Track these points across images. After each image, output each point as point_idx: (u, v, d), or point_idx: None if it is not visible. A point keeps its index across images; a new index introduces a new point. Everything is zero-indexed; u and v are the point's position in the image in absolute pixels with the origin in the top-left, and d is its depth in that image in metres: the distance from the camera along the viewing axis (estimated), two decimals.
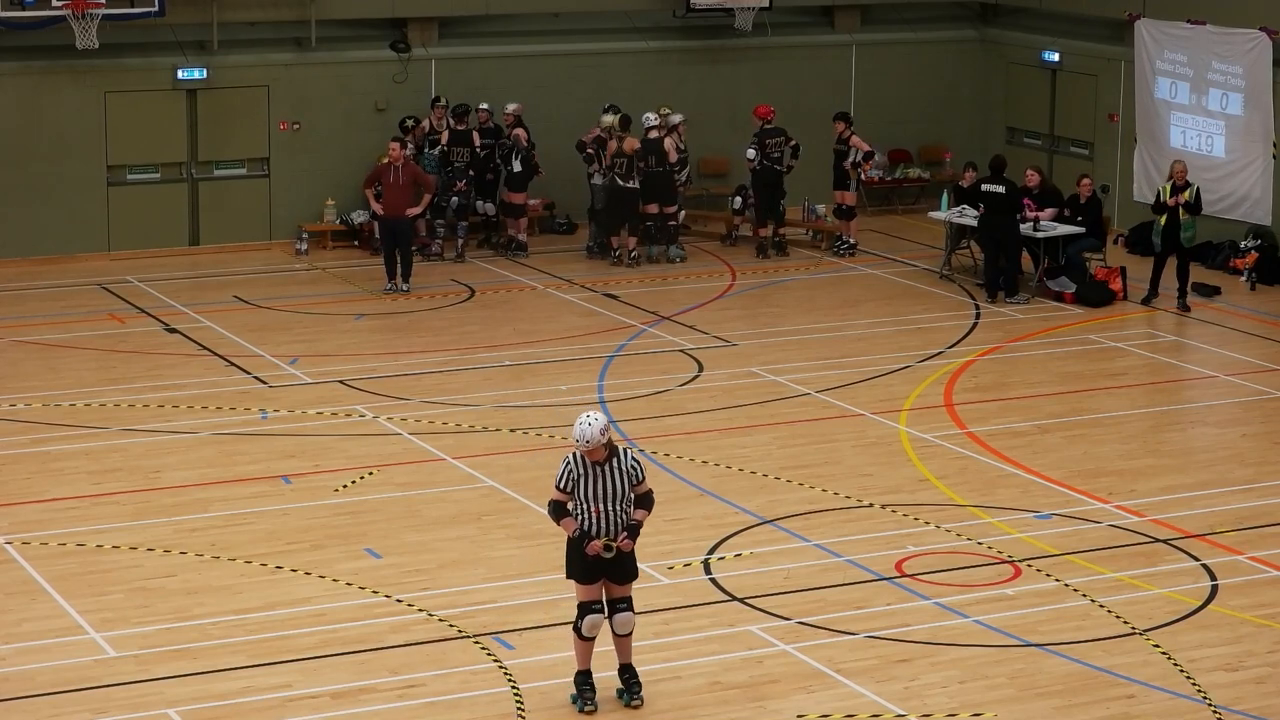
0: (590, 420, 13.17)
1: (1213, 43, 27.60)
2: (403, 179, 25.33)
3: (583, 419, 13.19)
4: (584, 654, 13.61)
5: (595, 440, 13.15)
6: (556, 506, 13.42)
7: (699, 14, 29.70)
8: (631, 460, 13.37)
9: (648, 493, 13.50)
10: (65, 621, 14.95)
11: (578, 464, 13.30)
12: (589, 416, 13.21)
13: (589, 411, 13.33)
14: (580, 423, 13.18)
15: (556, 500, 13.40)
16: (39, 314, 24.52)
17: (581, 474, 13.28)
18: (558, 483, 13.34)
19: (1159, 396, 21.75)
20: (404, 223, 25.47)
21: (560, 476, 13.34)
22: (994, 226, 25.53)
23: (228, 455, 19.09)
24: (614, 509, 13.36)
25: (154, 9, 26.41)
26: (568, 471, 13.32)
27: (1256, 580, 16.02)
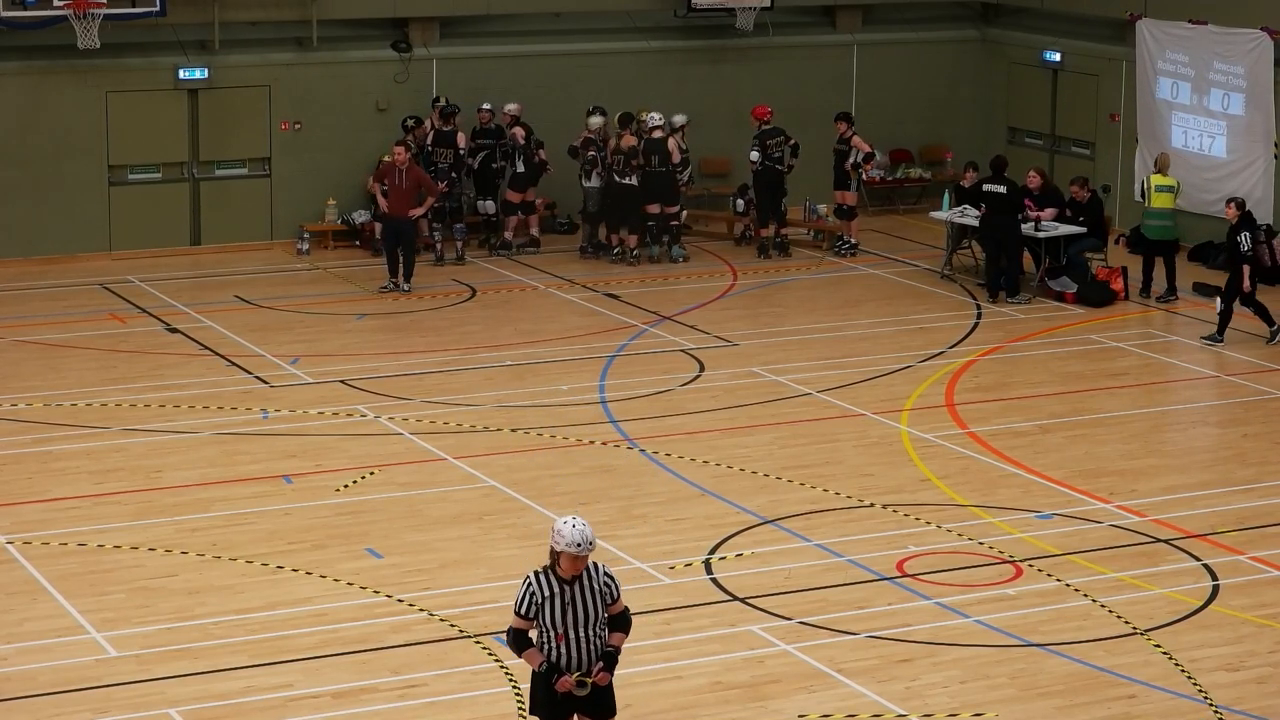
0: (578, 523, 11.15)
1: (1214, 43, 27.61)
2: (407, 181, 25.34)
3: (569, 521, 11.18)
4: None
5: (589, 542, 11.12)
6: (517, 636, 11.34)
7: (700, 14, 29.70)
8: (605, 575, 11.35)
9: (624, 612, 11.47)
10: (66, 621, 14.95)
11: (542, 584, 11.28)
12: (575, 519, 11.19)
13: (569, 516, 11.32)
14: (568, 525, 11.15)
15: (517, 628, 11.35)
16: (40, 314, 24.52)
17: (547, 596, 11.26)
18: (518, 607, 11.30)
19: (1160, 396, 21.75)
20: (406, 223, 25.48)
21: (520, 600, 11.29)
22: (995, 226, 25.54)
23: (229, 455, 19.09)
24: (586, 634, 11.31)
25: (155, 9, 26.41)
26: (530, 594, 11.27)
27: (1258, 580, 16.02)
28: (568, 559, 11.19)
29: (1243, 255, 23.29)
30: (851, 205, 28.22)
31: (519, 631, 11.37)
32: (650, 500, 17.84)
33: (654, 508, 17.63)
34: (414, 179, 25.42)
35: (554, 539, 11.18)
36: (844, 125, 28.06)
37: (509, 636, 11.43)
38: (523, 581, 11.36)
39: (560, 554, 11.19)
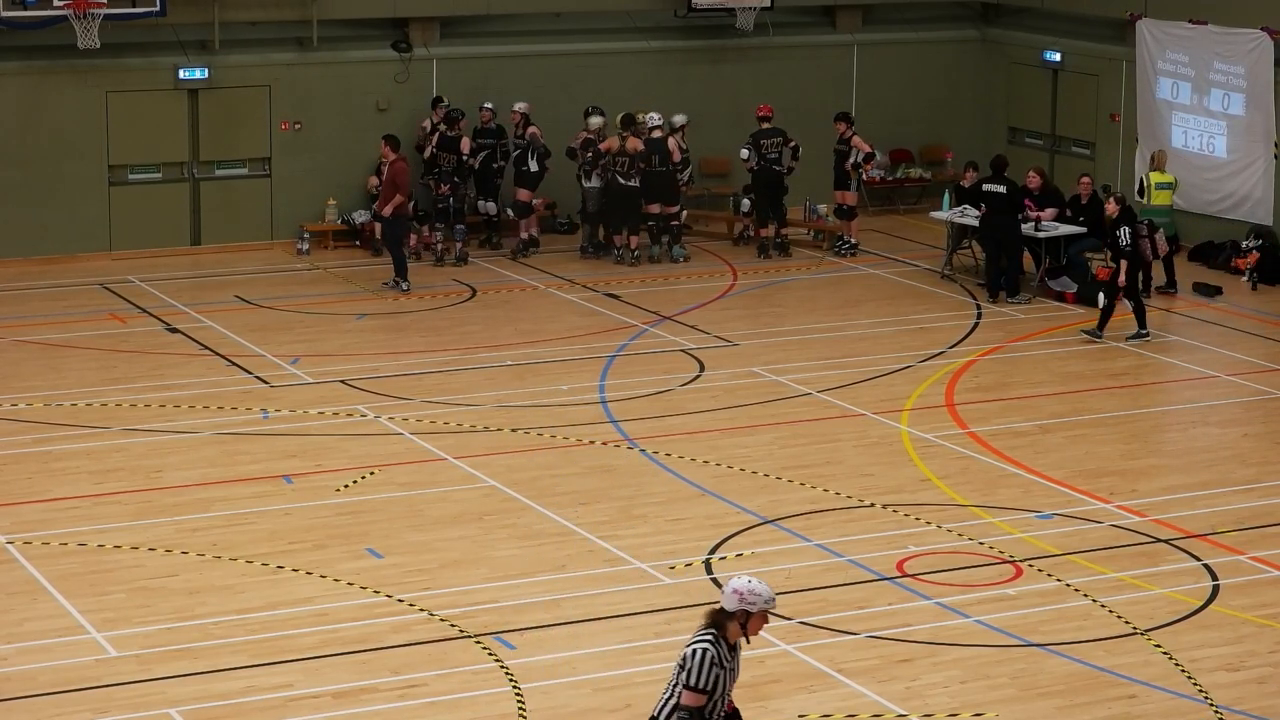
0: (758, 579, 10.47)
1: (1214, 43, 27.61)
2: (384, 179, 25.53)
3: (750, 579, 10.45)
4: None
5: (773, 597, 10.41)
6: (695, 716, 10.22)
7: (700, 14, 29.70)
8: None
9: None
10: (67, 621, 14.95)
11: (720, 654, 10.30)
12: (751, 577, 10.51)
13: (743, 576, 10.56)
14: (758, 583, 10.43)
15: (700, 707, 10.24)
16: (40, 314, 24.52)
17: (724, 667, 10.35)
18: (703, 683, 10.22)
19: (1160, 396, 21.75)
20: (384, 220, 25.65)
21: (707, 675, 10.22)
22: (995, 226, 25.54)
23: (229, 455, 19.09)
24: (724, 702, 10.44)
25: (155, 9, 26.41)
26: (714, 666, 10.22)
27: (1258, 580, 16.02)
28: (760, 619, 10.49)
29: (1122, 250, 23.33)
30: (852, 205, 28.22)
31: (698, 711, 10.27)
32: (650, 500, 17.84)
33: (654, 508, 17.64)
34: (390, 176, 25.50)
35: (749, 600, 10.38)
36: (844, 125, 28.06)
37: (690, 718, 10.26)
38: (700, 655, 10.26)
39: (754, 615, 10.44)
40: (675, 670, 10.41)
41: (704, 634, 10.39)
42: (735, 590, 10.45)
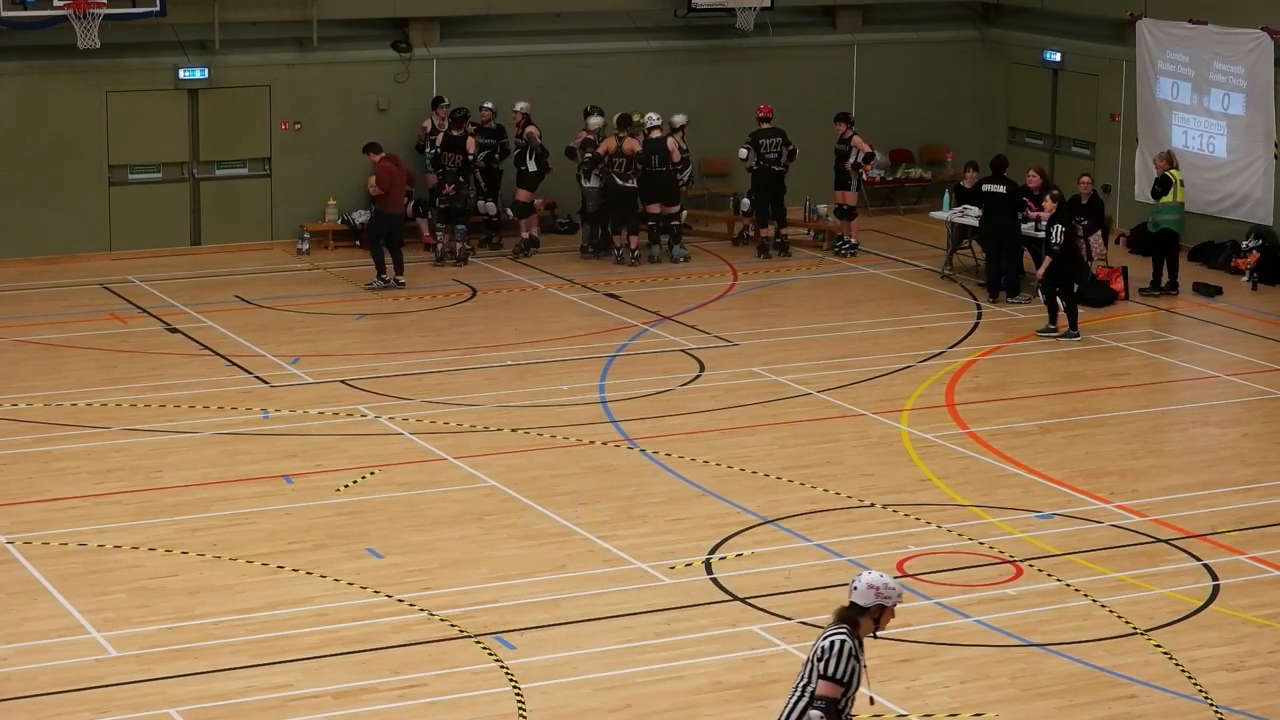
0: (883, 574, 10.66)
1: (1214, 43, 27.61)
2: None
3: (879, 574, 10.64)
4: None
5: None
6: (834, 708, 10.29)
7: (700, 14, 29.70)
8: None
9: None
10: (67, 621, 14.95)
11: (857, 649, 10.44)
12: (876, 572, 10.70)
13: (872, 572, 10.72)
14: (888, 577, 10.60)
15: (833, 699, 10.29)
16: (40, 314, 24.52)
17: (859, 662, 10.46)
18: (841, 673, 10.29)
19: (1160, 396, 21.75)
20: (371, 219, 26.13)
21: (844, 664, 10.32)
22: (995, 226, 25.53)
23: (229, 455, 19.09)
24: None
25: (155, 9, 26.41)
26: (853, 660, 10.36)
27: (1258, 580, 16.02)
28: (891, 613, 10.60)
29: (1051, 247, 23.44)
30: (852, 205, 28.21)
31: (833, 702, 10.28)
32: (650, 500, 17.84)
33: (654, 508, 17.64)
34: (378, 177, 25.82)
35: (885, 595, 10.47)
36: (844, 126, 28.06)
37: (827, 710, 10.26)
38: (840, 646, 10.32)
39: (886, 610, 10.55)
40: (803, 669, 10.48)
41: (838, 629, 10.45)
42: (871, 585, 10.53)
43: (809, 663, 10.44)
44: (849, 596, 10.56)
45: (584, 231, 28.04)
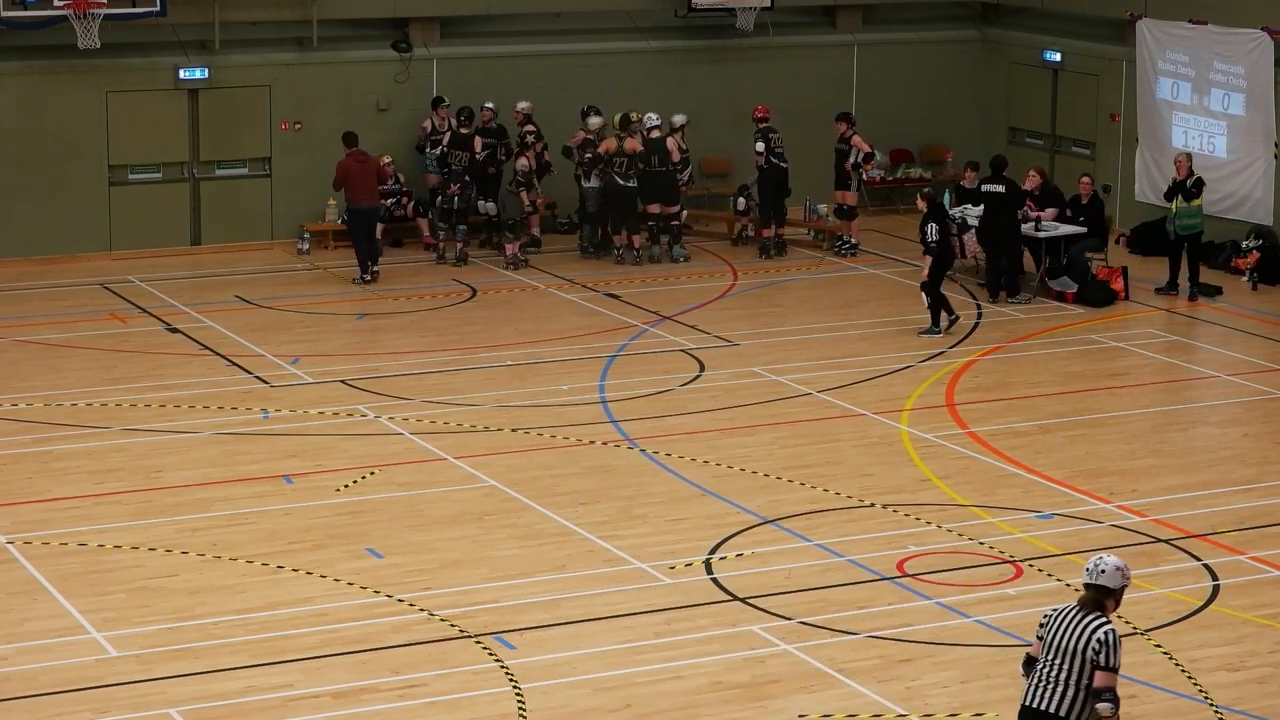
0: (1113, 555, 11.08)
1: (1214, 43, 27.61)
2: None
3: (1111, 555, 11.03)
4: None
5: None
6: (1116, 698, 10.84)
7: (700, 14, 29.70)
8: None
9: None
10: (67, 621, 14.95)
11: None
12: (1108, 554, 11.10)
13: (1106, 555, 11.01)
14: (1116, 556, 11.04)
15: (1115, 688, 10.78)
16: (40, 314, 24.52)
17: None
18: (1119, 663, 10.76)
19: (1161, 396, 21.75)
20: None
21: (1120, 653, 10.75)
22: (995, 227, 25.51)
23: (229, 455, 19.09)
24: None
25: (155, 9, 26.41)
26: (1120, 644, 10.81)
27: (1258, 580, 16.02)
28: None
29: (928, 246, 23.53)
30: (852, 205, 28.21)
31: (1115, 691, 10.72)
32: (650, 500, 17.84)
33: (654, 508, 17.64)
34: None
35: (1128, 576, 10.90)
36: (844, 125, 28.06)
37: (1116, 701, 10.72)
38: (1116, 637, 10.70)
39: (1120, 592, 10.92)
40: (1057, 659, 10.76)
41: (1099, 617, 10.78)
42: (1118, 568, 10.87)
43: (1068, 654, 10.72)
44: (1092, 580, 10.82)
45: (583, 231, 28.03)
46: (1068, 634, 10.81)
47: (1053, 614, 10.93)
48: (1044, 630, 10.90)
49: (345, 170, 26.00)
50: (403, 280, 26.34)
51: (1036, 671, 10.90)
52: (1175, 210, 25.41)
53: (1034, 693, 10.85)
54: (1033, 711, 10.85)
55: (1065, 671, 10.77)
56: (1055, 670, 10.81)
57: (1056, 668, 10.81)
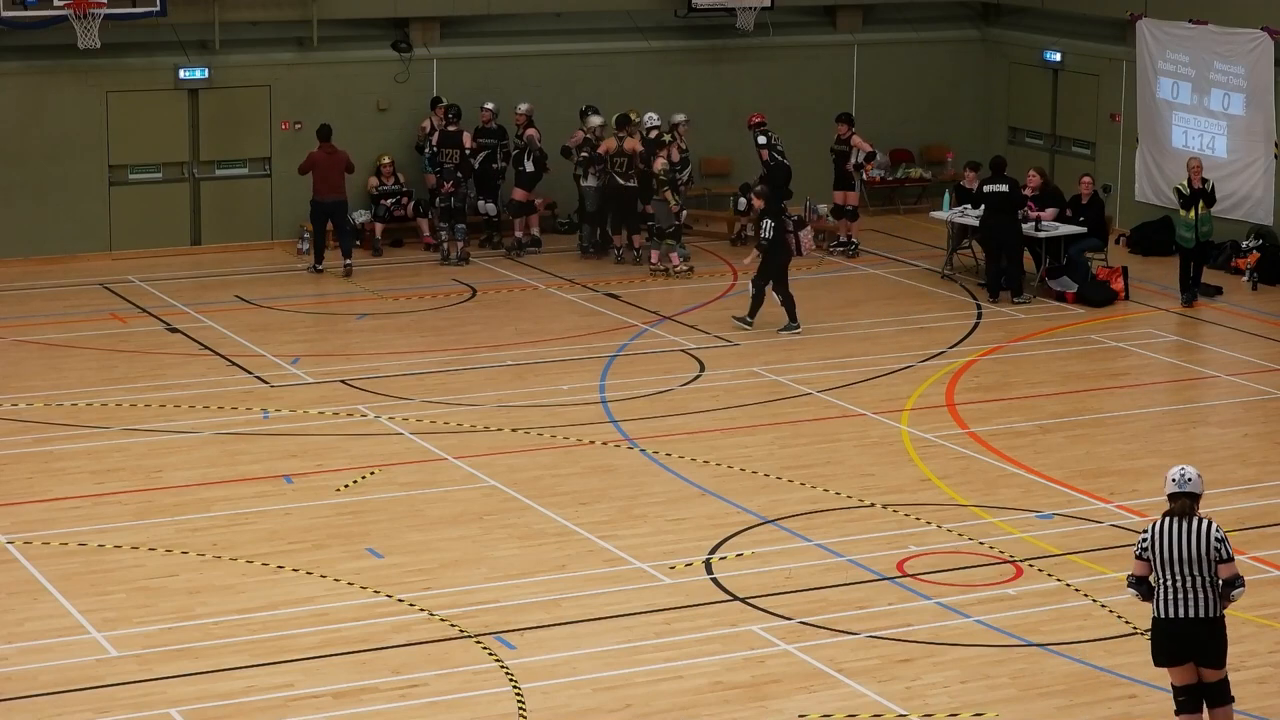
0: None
1: (1215, 43, 27.61)
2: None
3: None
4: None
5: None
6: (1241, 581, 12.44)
7: (700, 14, 29.70)
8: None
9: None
10: (67, 621, 14.96)
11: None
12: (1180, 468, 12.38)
13: (1179, 467, 12.38)
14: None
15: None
16: (41, 314, 24.53)
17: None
18: (1233, 553, 12.32)
19: (1161, 396, 21.75)
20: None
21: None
22: (997, 227, 25.48)
23: (230, 455, 19.10)
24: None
25: (156, 8, 26.42)
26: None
27: (1258, 580, 16.01)
28: None
29: (760, 242, 23.69)
30: (854, 205, 28.19)
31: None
32: (651, 500, 17.85)
33: (654, 508, 17.64)
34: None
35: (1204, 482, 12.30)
36: (845, 127, 28.05)
37: (1243, 583, 12.33)
38: (1222, 529, 12.19)
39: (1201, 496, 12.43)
40: (1196, 566, 12.11)
41: (1204, 520, 12.17)
42: (1199, 475, 12.20)
43: (1195, 561, 12.07)
44: (1182, 489, 12.16)
45: (582, 231, 28.02)
46: (1187, 544, 12.09)
47: (1154, 532, 12.18)
48: (1152, 550, 12.19)
49: (313, 161, 26.46)
50: (403, 280, 26.35)
51: (1165, 586, 12.16)
52: (1196, 217, 24.89)
53: (1176, 606, 12.14)
54: (1186, 622, 12.15)
55: (1198, 578, 12.11)
56: (1188, 580, 12.12)
57: (1188, 577, 12.12)
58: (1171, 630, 12.22)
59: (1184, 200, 25.05)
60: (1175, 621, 12.18)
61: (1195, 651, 12.27)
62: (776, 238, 23.66)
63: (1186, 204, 24.99)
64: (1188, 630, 12.20)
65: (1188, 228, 25.02)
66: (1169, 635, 12.26)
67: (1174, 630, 12.22)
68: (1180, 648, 12.28)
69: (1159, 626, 12.28)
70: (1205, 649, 12.29)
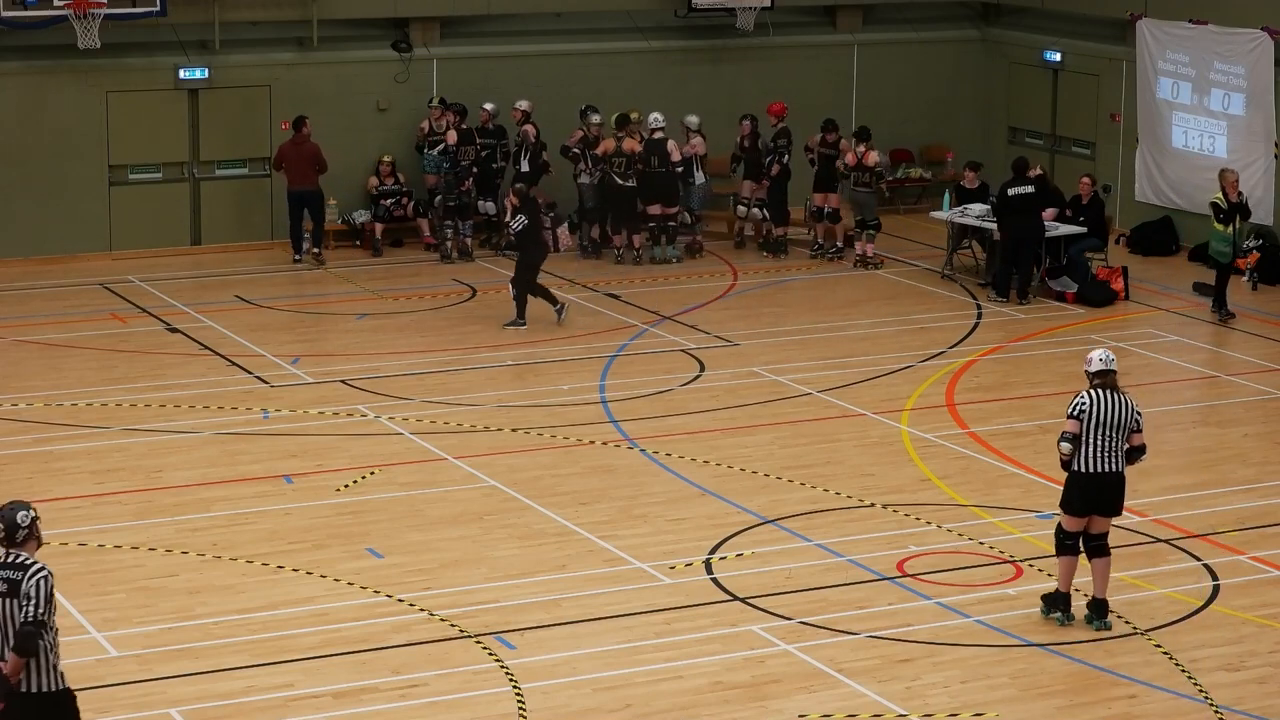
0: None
1: (1215, 43, 27.61)
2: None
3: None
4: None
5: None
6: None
7: (701, 14, 29.70)
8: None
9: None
10: (67, 621, 14.92)
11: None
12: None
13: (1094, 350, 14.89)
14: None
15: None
16: (41, 314, 24.53)
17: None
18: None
19: (1160, 396, 21.74)
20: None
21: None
22: (1020, 228, 25.24)
23: (230, 455, 19.10)
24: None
25: (156, 8, 26.42)
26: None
27: (1258, 580, 16.02)
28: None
29: (508, 237, 24.52)
30: (835, 208, 28.03)
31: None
32: (651, 500, 17.85)
33: (654, 508, 17.64)
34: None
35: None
36: (832, 135, 27.91)
37: (1145, 449, 15.00)
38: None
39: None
40: (1118, 431, 14.66)
41: (1126, 393, 14.84)
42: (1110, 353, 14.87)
43: (1119, 427, 14.61)
44: (1109, 367, 14.80)
45: (581, 230, 28.00)
46: (1116, 411, 14.63)
47: (1090, 399, 14.62)
48: (1087, 414, 14.55)
49: (283, 153, 26.90)
50: (403, 280, 26.35)
51: (1093, 445, 14.56)
52: (1234, 231, 24.27)
53: (1100, 462, 14.60)
54: (1107, 475, 14.62)
55: (1117, 441, 14.63)
56: (1110, 441, 14.62)
57: (1110, 439, 14.62)
58: (1095, 482, 14.61)
59: (1222, 214, 24.36)
60: (1098, 475, 14.60)
61: (1107, 500, 14.72)
62: (525, 232, 23.71)
63: (1225, 218, 24.32)
64: (1107, 482, 14.63)
65: (1225, 241, 24.34)
66: (1092, 486, 14.63)
67: (1097, 482, 14.62)
68: (1097, 496, 14.68)
69: (1082, 479, 14.62)
70: (1115, 499, 14.78)
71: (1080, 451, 14.59)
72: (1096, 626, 14.87)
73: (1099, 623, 14.90)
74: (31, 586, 10.65)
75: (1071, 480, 14.70)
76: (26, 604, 10.63)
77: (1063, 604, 15.00)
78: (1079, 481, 14.65)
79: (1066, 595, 15.01)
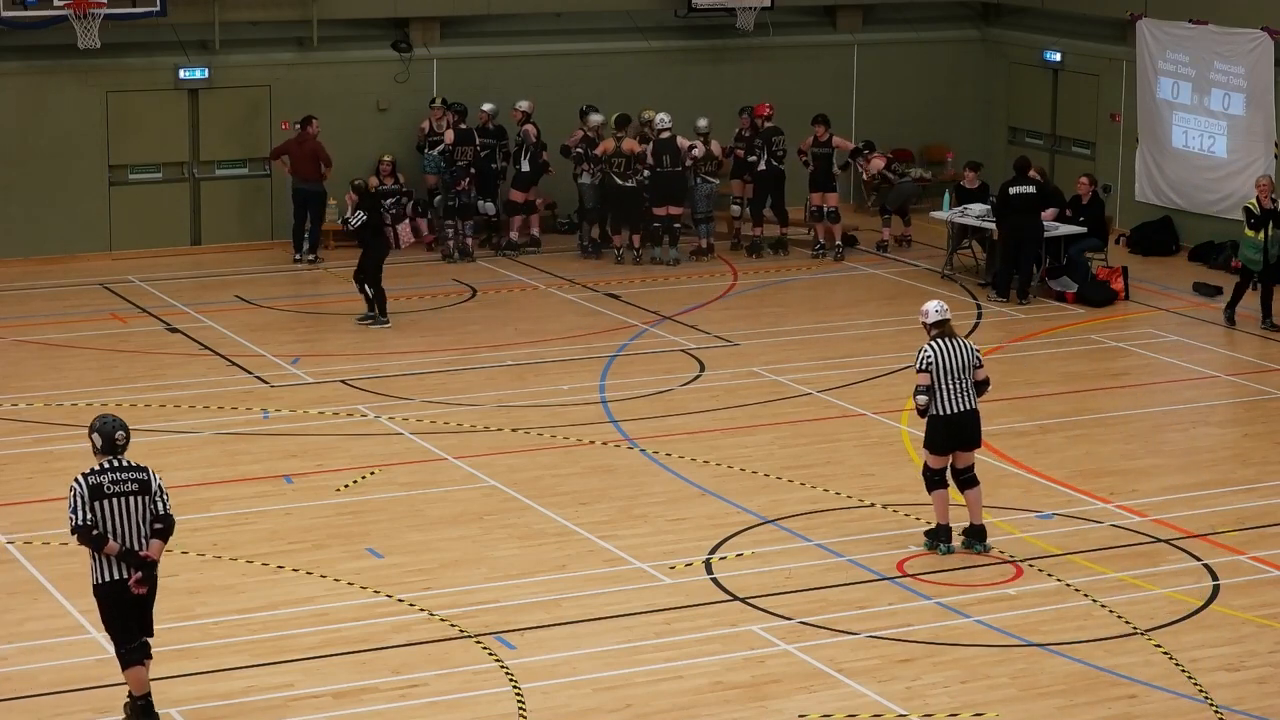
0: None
1: (1215, 43, 27.61)
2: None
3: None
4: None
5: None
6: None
7: (701, 14, 29.71)
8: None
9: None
10: (67, 621, 14.95)
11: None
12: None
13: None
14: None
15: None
16: (41, 314, 24.53)
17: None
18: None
19: (1160, 396, 21.75)
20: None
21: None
22: (1021, 228, 25.23)
23: (230, 455, 19.10)
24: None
25: (156, 8, 26.42)
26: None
27: (1258, 580, 16.02)
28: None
29: (347, 230, 24.88)
30: (834, 207, 28.03)
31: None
32: (651, 500, 17.85)
33: (655, 508, 17.64)
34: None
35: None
36: (822, 128, 27.91)
37: (989, 381, 16.53)
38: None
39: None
40: (966, 372, 16.07)
41: (961, 336, 16.38)
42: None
43: (965, 368, 16.04)
44: (947, 316, 16.22)
45: (581, 229, 28.00)
46: (958, 356, 16.03)
47: (936, 350, 15.97)
48: (934, 364, 15.91)
49: (285, 147, 27.06)
50: (403, 280, 26.33)
51: (946, 389, 15.95)
52: (1266, 238, 23.69)
53: (955, 403, 15.99)
54: (964, 414, 16.03)
55: (966, 381, 16.03)
56: (960, 383, 16.01)
57: (960, 381, 16.02)
58: (953, 422, 16.00)
59: (1254, 221, 23.92)
60: (956, 415, 15.99)
61: (967, 436, 16.11)
62: (366, 227, 23.79)
63: (1257, 225, 23.89)
64: (964, 420, 16.03)
65: (1255, 249, 23.92)
66: (952, 426, 16.02)
67: (955, 421, 16.00)
68: (959, 433, 16.04)
69: (942, 422, 16.01)
70: (973, 434, 16.17)
71: (935, 397, 15.95)
72: (977, 550, 16.31)
73: (979, 546, 16.34)
74: (160, 482, 12.90)
75: (931, 423, 16.10)
76: (162, 497, 12.82)
77: (944, 536, 16.33)
78: (939, 424, 16.06)
79: (947, 527, 16.34)
